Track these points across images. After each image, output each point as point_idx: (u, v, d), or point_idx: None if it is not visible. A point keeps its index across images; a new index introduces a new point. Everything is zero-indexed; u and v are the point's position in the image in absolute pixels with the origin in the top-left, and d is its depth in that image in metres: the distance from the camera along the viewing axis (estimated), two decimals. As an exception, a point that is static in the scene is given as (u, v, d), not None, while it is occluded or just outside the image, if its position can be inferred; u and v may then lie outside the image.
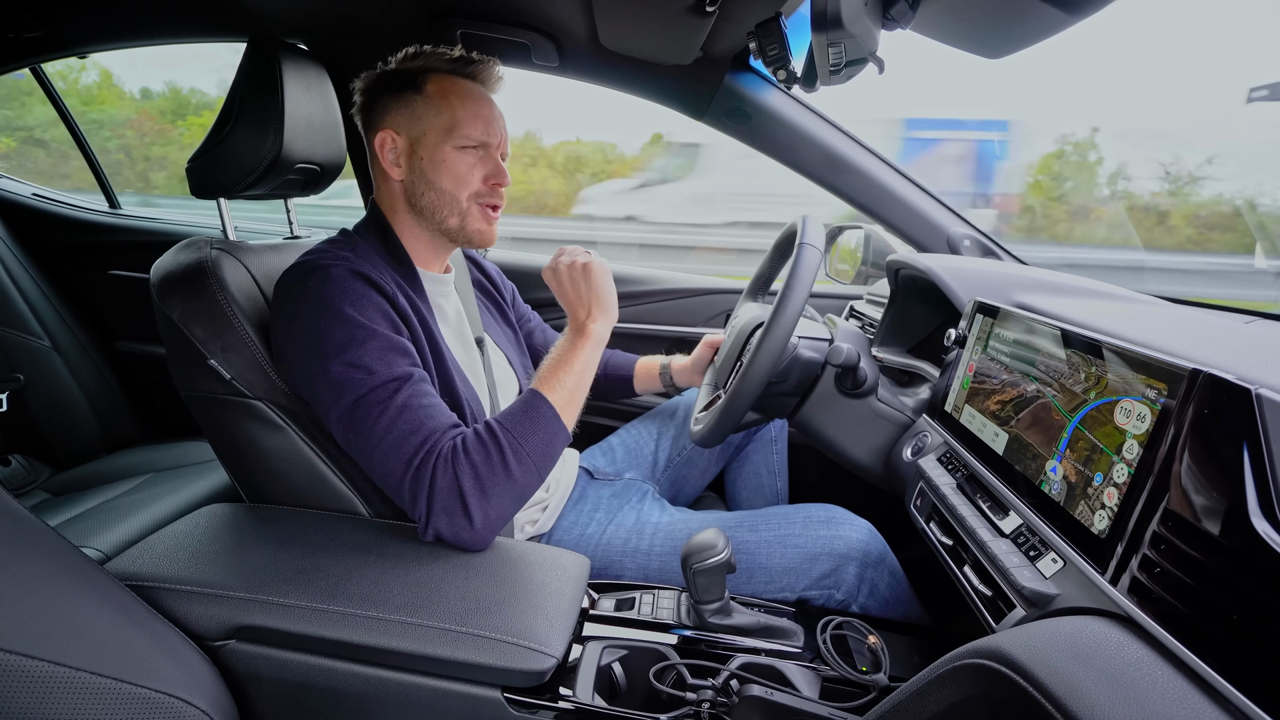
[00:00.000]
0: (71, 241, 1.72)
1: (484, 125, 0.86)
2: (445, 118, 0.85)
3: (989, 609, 0.59)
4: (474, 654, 0.62)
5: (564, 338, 0.86)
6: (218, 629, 0.66)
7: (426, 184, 0.86)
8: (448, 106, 0.85)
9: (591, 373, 0.84)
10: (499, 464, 0.73)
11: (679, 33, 1.02)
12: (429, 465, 0.72)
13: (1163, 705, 0.37)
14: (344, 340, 0.73)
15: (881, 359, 1.06)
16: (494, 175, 0.88)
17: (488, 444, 0.74)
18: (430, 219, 0.88)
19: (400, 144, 0.86)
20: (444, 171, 0.86)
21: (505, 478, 0.73)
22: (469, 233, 0.89)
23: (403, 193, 0.88)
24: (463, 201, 0.87)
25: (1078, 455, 0.55)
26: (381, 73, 0.88)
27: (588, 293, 0.86)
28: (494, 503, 0.72)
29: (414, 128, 0.86)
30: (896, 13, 0.69)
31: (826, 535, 0.90)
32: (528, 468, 0.75)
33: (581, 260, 0.86)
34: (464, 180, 0.86)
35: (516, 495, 0.74)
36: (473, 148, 0.86)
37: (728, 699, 0.65)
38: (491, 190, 0.88)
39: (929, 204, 1.28)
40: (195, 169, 0.89)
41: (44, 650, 0.51)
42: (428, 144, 0.85)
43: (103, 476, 1.45)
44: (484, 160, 0.88)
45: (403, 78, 0.86)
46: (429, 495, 0.72)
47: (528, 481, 0.75)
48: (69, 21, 1.30)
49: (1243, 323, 0.88)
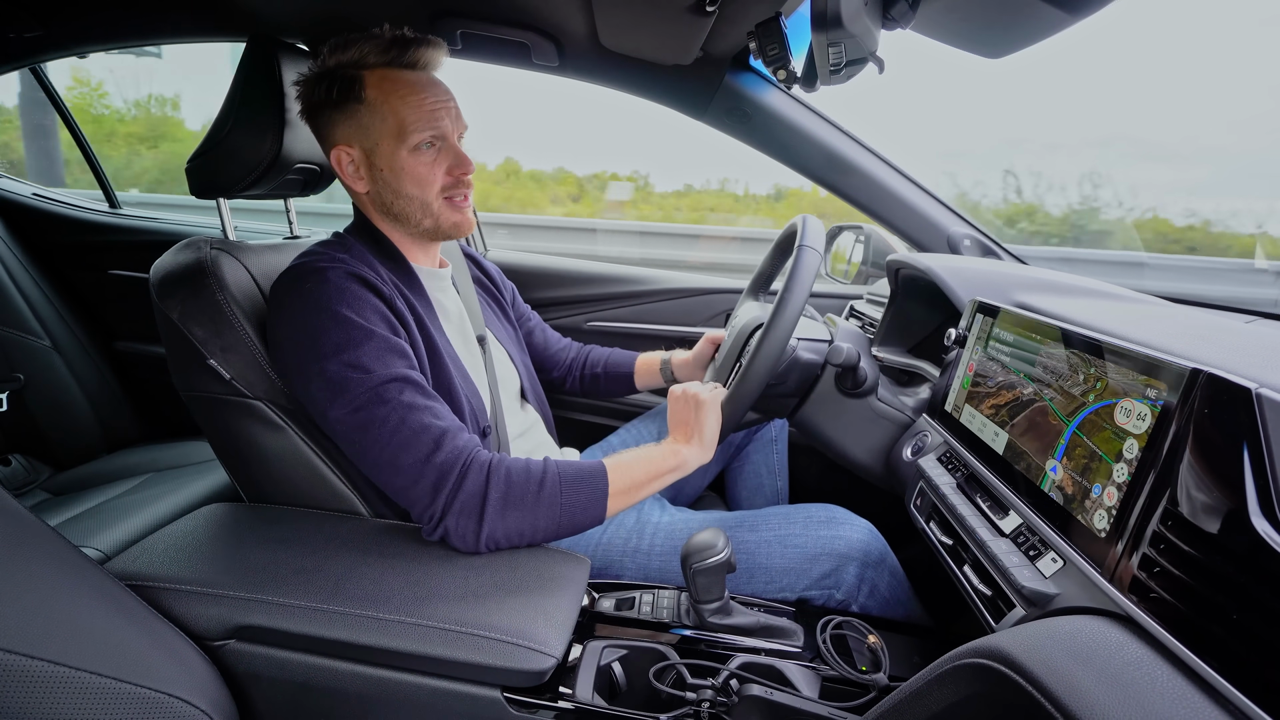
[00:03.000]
0: (71, 241, 1.72)
1: (432, 118, 0.82)
2: (392, 123, 0.81)
3: (989, 608, 0.59)
4: (474, 654, 0.62)
5: (658, 444, 0.87)
6: (218, 629, 0.66)
7: (393, 193, 0.85)
8: (391, 110, 0.81)
9: (657, 487, 0.84)
10: (532, 495, 0.73)
11: (679, 32, 1.01)
12: (459, 465, 0.72)
13: (1162, 705, 0.37)
14: (340, 341, 0.73)
15: (881, 359, 1.06)
16: (456, 165, 0.85)
17: (533, 474, 0.74)
18: (407, 223, 0.87)
19: (356, 156, 0.84)
20: (405, 178, 0.83)
21: (530, 510, 0.73)
22: (444, 228, 0.88)
23: (374, 203, 0.87)
24: (431, 202, 0.86)
25: (1075, 464, 0.55)
26: (315, 80, 0.82)
27: (695, 422, 0.87)
28: (506, 525, 0.73)
29: (365, 139, 0.82)
30: (896, 12, 0.69)
31: (826, 535, 0.90)
32: (552, 516, 0.75)
33: (705, 395, 0.87)
34: (427, 181, 0.84)
35: (526, 529, 0.74)
36: (428, 145, 0.83)
37: (727, 699, 0.65)
38: (457, 181, 0.86)
39: (929, 204, 1.28)
40: (195, 169, 0.89)
41: (44, 650, 0.51)
42: (383, 153, 0.82)
43: (103, 476, 1.45)
44: (443, 153, 0.85)
45: (340, 86, 0.81)
46: (451, 494, 0.72)
47: (544, 526, 0.75)
48: (69, 21, 1.30)
49: (1243, 322, 0.88)
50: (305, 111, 0.86)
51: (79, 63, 4.24)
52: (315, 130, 0.87)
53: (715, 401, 0.88)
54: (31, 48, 1.39)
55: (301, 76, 0.85)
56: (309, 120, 0.87)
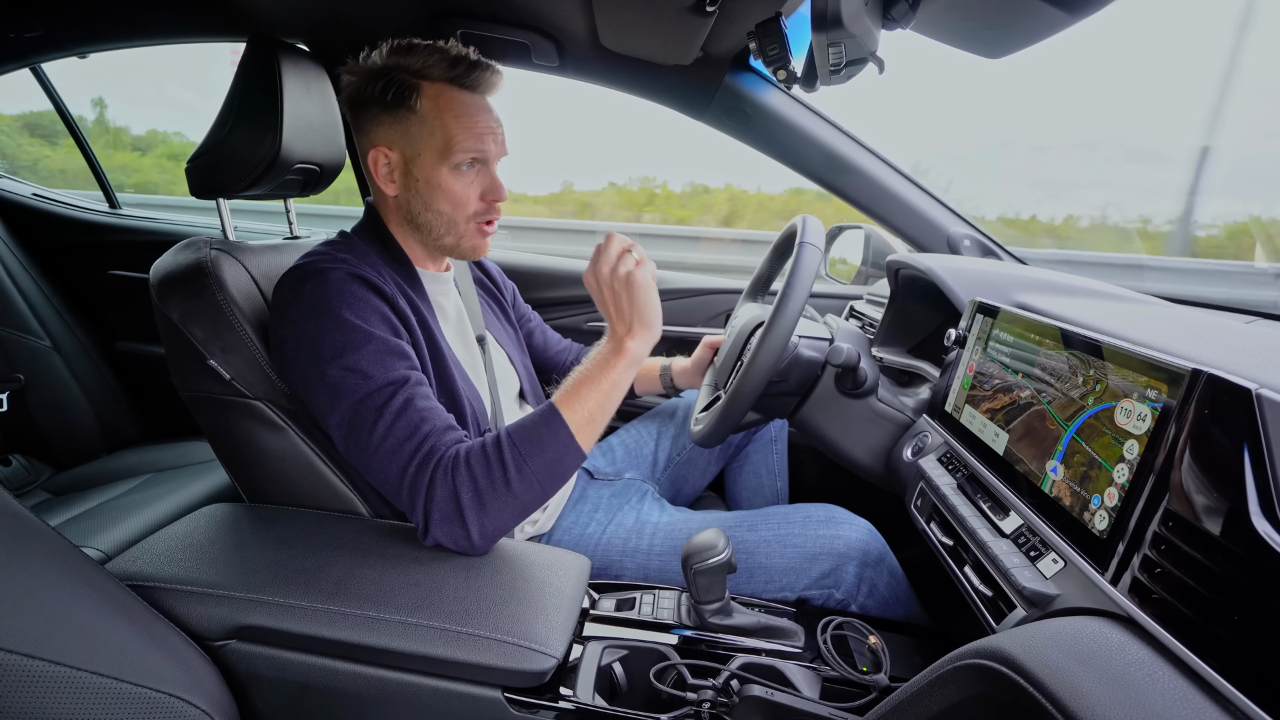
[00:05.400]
0: (71, 241, 1.72)
1: (480, 139, 0.82)
2: (440, 138, 0.81)
3: (989, 609, 0.59)
4: (474, 654, 0.62)
5: (597, 351, 0.79)
6: (218, 629, 0.66)
7: (423, 205, 0.84)
8: (442, 126, 0.81)
9: (620, 393, 0.78)
10: (500, 479, 0.71)
11: (679, 32, 1.01)
12: (427, 473, 0.71)
13: (1163, 706, 0.37)
14: (340, 344, 0.73)
15: (882, 359, 1.06)
16: (491, 191, 0.86)
17: (491, 457, 0.72)
18: (427, 234, 0.87)
19: (394, 160, 0.83)
20: (441, 195, 0.83)
21: (505, 493, 0.71)
22: (464, 249, 0.88)
23: (398, 208, 0.87)
24: (460, 224, 0.86)
25: (1074, 472, 0.55)
26: (370, 77, 0.81)
27: (629, 307, 0.77)
28: (492, 516, 0.71)
29: (408, 146, 0.82)
30: (897, 12, 0.69)
31: (826, 535, 0.90)
32: (530, 485, 0.72)
33: (624, 271, 0.77)
34: (462, 202, 0.84)
35: (517, 510, 0.72)
36: (468, 165, 0.83)
37: (728, 699, 0.65)
38: (489, 208, 0.86)
39: (929, 204, 1.28)
40: (194, 169, 0.89)
41: (45, 650, 0.51)
42: (423, 165, 0.82)
43: (103, 476, 1.45)
44: (481, 175, 0.85)
45: (395, 90, 0.80)
46: (426, 504, 0.71)
47: (530, 498, 0.72)
48: (69, 21, 1.30)
49: (1243, 323, 0.88)
50: (349, 102, 0.85)
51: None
52: (354, 121, 0.86)
53: (647, 277, 0.77)
54: (32, 48, 1.39)
55: (354, 65, 0.83)
56: (349, 110, 0.86)
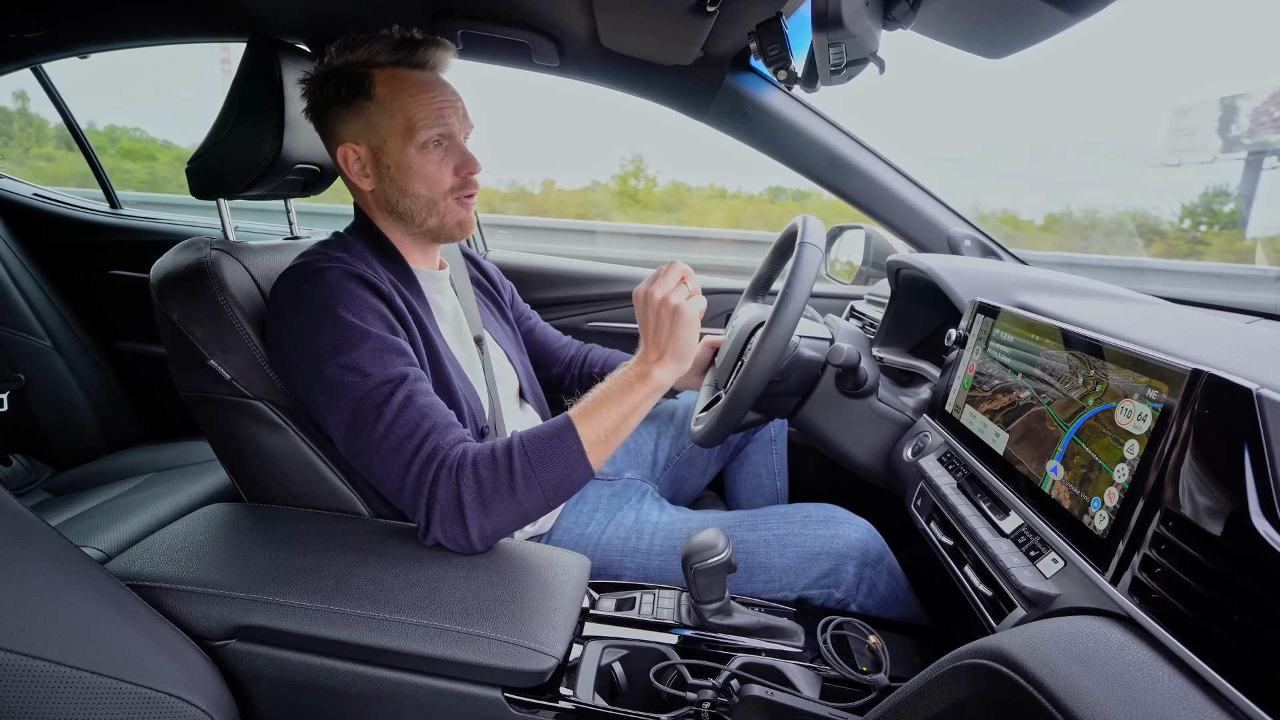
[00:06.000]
0: (72, 241, 1.72)
1: (441, 116, 0.82)
2: (400, 120, 0.81)
3: (989, 609, 0.59)
4: (474, 654, 0.62)
5: (622, 372, 0.79)
6: (218, 629, 0.66)
7: (400, 191, 0.85)
8: (400, 108, 0.81)
9: (637, 419, 0.77)
10: (505, 485, 0.71)
11: (679, 33, 1.01)
12: (430, 472, 0.71)
13: (1163, 706, 0.37)
14: (338, 343, 0.73)
15: (882, 359, 1.06)
16: (464, 164, 0.86)
17: (499, 463, 0.71)
18: (410, 222, 0.87)
19: (363, 153, 0.84)
20: (413, 177, 0.83)
21: (510, 499, 0.71)
22: (449, 227, 0.88)
23: (378, 201, 0.87)
24: (439, 202, 0.86)
25: (1073, 474, 0.55)
26: (324, 77, 0.82)
27: (668, 335, 0.77)
28: (494, 519, 0.71)
29: (372, 136, 0.82)
30: (897, 13, 0.69)
31: (825, 534, 0.90)
32: (535, 495, 0.72)
33: (675, 300, 0.77)
34: (435, 180, 0.84)
35: (518, 516, 0.72)
36: (435, 143, 0.83)
37: (728, 699, 0.65)
38: (465, 181, 0.87)
39: (929, 204, 1.28)
40: (195, 170, 0.89)
41: (45, 650, 0.51)
42: (390, 151, 0.82)
43: (103, 476, 1.45)
44: (450, 152, 0.85)
45: (349, 83, 0.81)
46: (429, 502, 0.71)
47: (533, 507, 0.72)
48: (70, 22, 1.30)
49: (1244, 323, 0.88)
50: (311, 109, 0.86)
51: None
52: (321, 128, 0.87)
53: (694, 313, 0.78)
54: (32, 48, 1.39)
55: (308, 75, 0.84)
56: (314, 118, 0.86)
